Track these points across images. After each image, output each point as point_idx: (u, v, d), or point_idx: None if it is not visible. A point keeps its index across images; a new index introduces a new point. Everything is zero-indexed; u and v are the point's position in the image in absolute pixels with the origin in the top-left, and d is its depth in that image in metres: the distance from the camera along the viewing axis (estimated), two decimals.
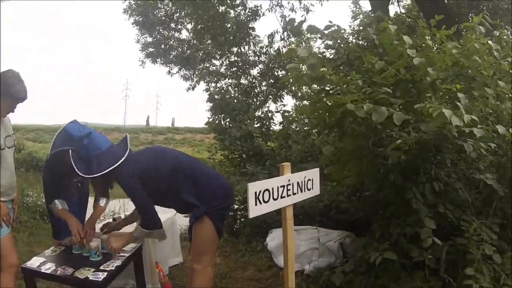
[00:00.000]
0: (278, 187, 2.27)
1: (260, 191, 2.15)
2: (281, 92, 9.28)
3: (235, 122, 5.78)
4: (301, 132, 6.00)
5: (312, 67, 2.85)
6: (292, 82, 3.05)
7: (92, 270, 2.45)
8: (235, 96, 6.66)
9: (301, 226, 4.09)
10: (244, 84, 9.25)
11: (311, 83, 3.10)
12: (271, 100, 9.53)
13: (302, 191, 2.47)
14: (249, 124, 5.76)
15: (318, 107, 3.19)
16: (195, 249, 2.65)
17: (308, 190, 2.54)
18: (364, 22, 3.47)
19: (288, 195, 2.35)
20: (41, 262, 2.56)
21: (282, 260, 2.57)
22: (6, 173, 2.58)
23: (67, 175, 2.88)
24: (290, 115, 6.29)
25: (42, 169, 3.14)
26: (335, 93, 3.09)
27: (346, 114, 2.79)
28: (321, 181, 2.70)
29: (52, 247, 2.87)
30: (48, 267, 2.51)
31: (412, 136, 2.75)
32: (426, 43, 3.05)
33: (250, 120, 5.85)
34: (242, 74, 9.62)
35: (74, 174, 2.81)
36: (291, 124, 6.09)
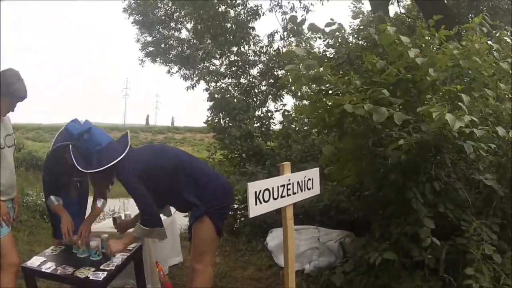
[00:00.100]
0: (278, 187, 2.27)
1: (260, 191, 2.15)
2: (280, 92, 9.27)
3: (235, 121, 5.78)
4: (300, 132, 6.01)
5: (309, 67, 2.84)
6: (291, 83, 3.04)
7: (92, 269, 2.46)
8: (235, 96, 6.66)
9: (301, 226, 4.09)
10: (244, 84, 9.23)
11: (310, 84, 3.10)
12: (270, 99, 9.52)
13: (302, 191, 2.47)
14: (249, 124, 5.76)
15: (317, 107, 3.19)
16: (195, 248, 2.64)
17: (308, 189, 2.54)
18: (365, 22, 3.46)
19: (288, 195, 2.35)
20: (41, 262, 2.57)
21: (282, 259, 2.57)
22: (6, 172, 2.57)
23: (66, 173, 2.89)
24: (290, 115, 6.30)
25: (42, 168, 3.14)
26: (334, 93, 3.09)
27: (345, 114, 2.79)
28: (321, 180, 2.70)
29: (52, 247, 2.88)
30: (49, 267, 2.51)
31: (413, 136, 2.75)
32: (426, 43, 3.05)
33: (250, 119, 5.85)
34: (242, 74, 9.60)
35: (73, 171, 2.82)
36: (291, 123, 6.10)
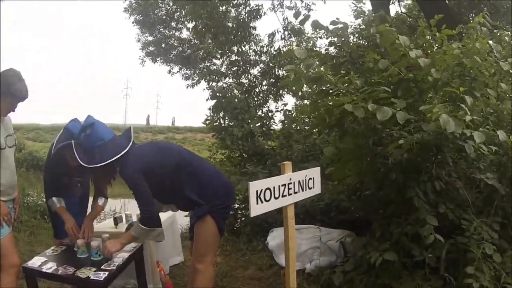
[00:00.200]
0: (279, 186, 2.27)
1: (261, 190, 2.15)
2: (281, 92, 9.27)
3: (237, 121, 5.77)
4: (301, 132, 6.00)
5: (308, 67, 2.84)
6: (291, 83, 3.03)
7: (94, 269, 2.46)
8: (236, 95, 6.65)
9: (302, 225, 4.09)
10: (244, 83, 9.23)
11: (310, 84, 3.09)
12: (271, 99, 9.52)
13: (303, 190, 2.47)
14: (250, 123, 5.75)
15: (318, 107, 3.19)
16: (197, 248, 2.62)
17: (309, 189, 2.54)
18: (366, 21, 3.45)
19: (290, 194, 2.35)
20: (42, 262, 2.57)
21: (283, 259, 2.57)
22: (7, 172, 2.58)
23: (67, 173, 2.89)
24: (291, 114, 6.30)
25: (42, 168, 3.14)
26: (334, 93, 3.08)
27: (345, 114, 2.79)
28: (322, 180, 2.69)
29: (53, 247, 2.88)
30: (50, 267, 2.51)
31: (414, 136, 2.75)
32: (428, 42, 3.05)
33: (251, 119, 5.84)
34: (243, 74, 9.60)
35: (75, 171, 2.82)
36: (293, 123, 6.09)
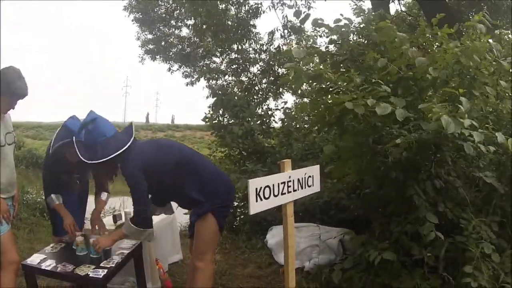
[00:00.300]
0: (278, 184, 2.27)
1: (260, 188, 2.15)
2: (281, 90, 9.26)
3: (237, 119, 5.76)
4: (301, 130, 6.00)
5: (308, 63, 2.83)
6: (291, 81, 3.02)
7: (93, 267, 2.46)
8: (236, 93, 6.65)
9: (301, 223, 4.09)
10: (244, 82, 9.23)
11: (310, 82, 3.08)
12: (271, 97, 9.52)
13: (302, 188, 2.47)
14: (250, 121, 5.75)
15: (318, 104, 3.18)
16: (198, 246, 2.62)
17: (309, 187, 2.54)
18: (366, 20, 3.45)
19: (289, 192, 2.35)
20: (41, 259, 2.57)
21: (282, 257, 2.57)
22: (6, 170, 2.57)
23: (67, 171, 2.89)
24: (291, 113, 6.29)
25: (42, 166, 3.14)
26: (334, 91, 3.08)
27: (345, 112, 2.79)
28: (321, 178, 2.70)
29: (52, 244, 2.88)
30: (49, 264, 2.51)
31: (413, 135, 2.75)
32: (427, 41, 3.04)
33: (251, 117, 5.84)
34: (242, 72, 9.59)
35: (75, 168, 2.82)
36: (293, 121, 6.09)
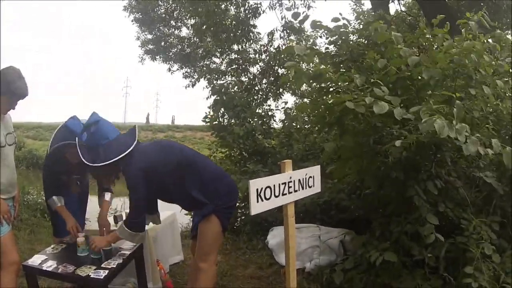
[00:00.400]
0: (279, 184, 2.26)
1: (261, 188, 2.14)
2: (281, 90, 9.26)
3: (238, 119, 5.76)
4: (302, 130, 5.99)
5: (309, 60, 2.82)
6: (292, 81, 3.02)
7: (94, 267, 2.46)
8: (237, 92, 6.64)
9: (302, 224, 4.09)
10: (244, 82, 9.21)
11: (310, 82, 3.08)
12: (271, 98, 9.51)
13: (303, 188, 2.47)
14: (252, 122, 5.74)
15: (318, 105, 3.18)
16: (201, 247, 2.60)
17: (309, 187, 2.54)
18: (365, 20, 3.46)
19: (290, 192, 2.34)
20: (42, 260, 2.58)
21: (283, 258, 2.57)
22: (7, 170, 2.58)
23: (67, 172, 2.89)
24: (292, 113, 6.29)
25: (42, 166, 3.14)
26: (335, 91, 3.08)
27: (345, 112, 2.78)
28: (322, 178, 2.69)
29: (53, 245, 2.88)
30: (50, 265, 2.52)
31: (410, 136, 2.75)
32: (428, 41, 3.04)
33: (252, 117, 5.84)
34: (242, 72, 9.58)
35: (75, 169, 2.82)
36: (293, 122, 6.08)
